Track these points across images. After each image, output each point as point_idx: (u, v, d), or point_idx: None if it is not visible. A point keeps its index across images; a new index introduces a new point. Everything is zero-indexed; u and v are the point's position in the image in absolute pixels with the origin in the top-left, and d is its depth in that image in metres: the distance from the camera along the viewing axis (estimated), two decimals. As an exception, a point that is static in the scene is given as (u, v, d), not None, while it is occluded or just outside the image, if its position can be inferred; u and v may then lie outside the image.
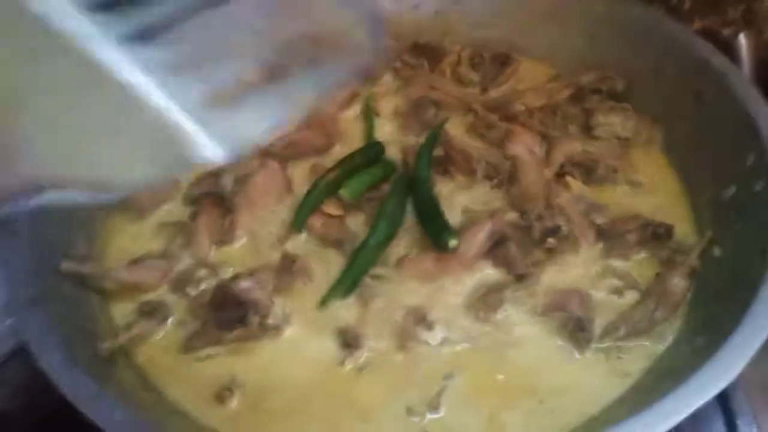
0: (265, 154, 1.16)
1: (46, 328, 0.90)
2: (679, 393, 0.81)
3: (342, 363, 0.97)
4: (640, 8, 1.25)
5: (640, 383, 0.94)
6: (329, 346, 0.99)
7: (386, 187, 1.15)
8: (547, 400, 0.93)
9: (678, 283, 0.99)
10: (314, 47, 0.67)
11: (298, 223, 1.09)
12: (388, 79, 1.36)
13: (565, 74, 1.31)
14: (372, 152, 1.20)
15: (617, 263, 1.05)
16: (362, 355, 0.97)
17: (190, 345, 0.99)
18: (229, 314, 0.97)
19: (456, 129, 1.24)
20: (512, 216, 1.06)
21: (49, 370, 0.84)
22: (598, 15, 1.28)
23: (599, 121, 1.21)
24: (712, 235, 1.05)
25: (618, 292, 1.02)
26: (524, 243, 1.04)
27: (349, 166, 1.15)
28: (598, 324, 0.99)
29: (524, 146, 1.15)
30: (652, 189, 1.16)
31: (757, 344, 0.83)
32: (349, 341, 0.97)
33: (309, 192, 1.11)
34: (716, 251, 1.03)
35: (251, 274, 1.00)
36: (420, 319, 0.98)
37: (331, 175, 1.12)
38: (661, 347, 0.97)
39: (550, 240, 1.03)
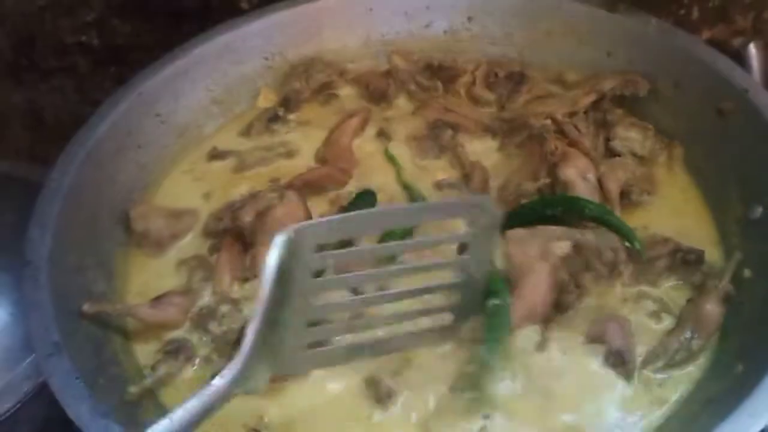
0: (286, 187, 1.15)
1: (71, 375, 0.88)
2: (728, 425, 0.79)
3: (370, 417, 0.95)
4: (656, 24, 1.23)
5: (679, 413, 0.92)
6: (359, 391, 0.97)
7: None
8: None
9: (712, 309, 0.98)
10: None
11: None
12: (401, 102, 1.34)
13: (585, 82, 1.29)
14: (367, 204, 1.14)
15: (649, 289, 1.03)
16: (395, 410, 0.95)
17: None
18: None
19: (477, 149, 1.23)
20: (563, 247, 1.01)
21: (79, 421, 0.83)
22: (615, 32, 1.27)
23: (618, 135, 1.20)
24: (741, 258, 1.03)
25: (654, 317, 1.01)
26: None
27: None
28: (639, 352, 0.97)
29: (578, 171, 1.12)
30: (677, 210, 1.14)
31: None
32: (381, 396, 0.95)
33: None
34: (747, 273, 1.02)
35: None
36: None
37: None
38: (698, 374, 0.96)
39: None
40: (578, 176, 1.11)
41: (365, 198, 1.15)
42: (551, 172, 1.13)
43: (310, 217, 1.12)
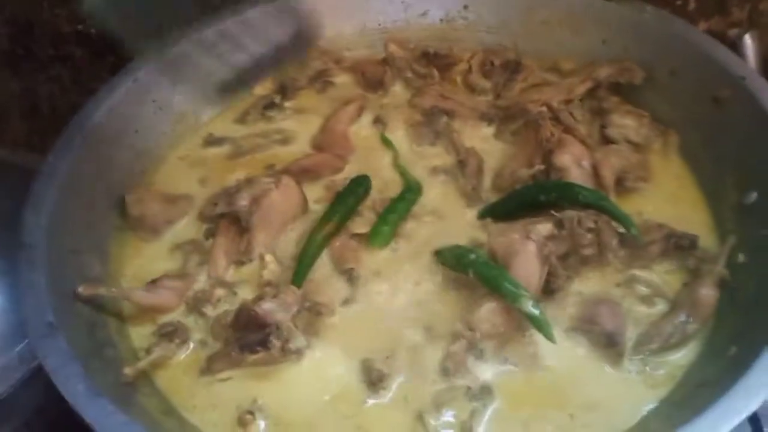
0: (281, 172, 1.15)
1: (66, 356, 0.88)
2: (720, 406, 0.79)
3: (364, 401, 0.95)
4: (653, 12, 1.23)
5: (672, 396, 0.92)
6: (353, 376, 0.97)
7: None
8: (578, 415, 0.92)
9: (707, 293, 0.98)
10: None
11: (299, 279, 1.04)
12: (397, 90, 1.34)
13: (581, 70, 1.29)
14: (362, 189, 1.15)
15: (642, 273, 1.03)
16: (388, 395, 0.95)
17: (210, 367, 0.97)
18: (251, 336, 0.94)
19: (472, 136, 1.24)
20: (545, 227, 1.02)
21: (73, 400, 0.83)
22: (611, 20, 1.26)
23: (613, 122, 1.20)
24: (736, 242, 1.03)
25: (646, 301, 1.01)
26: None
27: (345, 210, 1.11)
28: (629, 336, 0.97)
29: (573, 158, 1.12)
30: (672, 197, 1.14)
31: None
32: (374, 380, 0.95)
33: (305, 249, 1.07)
34: (741, 258, 1.02)
35: (275, 295, 0.98)
36: (471, 347, 0.96)
37: (327, 228, 1.09)
38: (691, 357, 0.96)
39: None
40: (573, 163, 1.11)
41: (360, 183, 1.15)
42: (546, 159, 1.13)
43: (305, 202, 1.12)
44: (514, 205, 1.09)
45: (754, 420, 1.00)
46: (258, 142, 1.26)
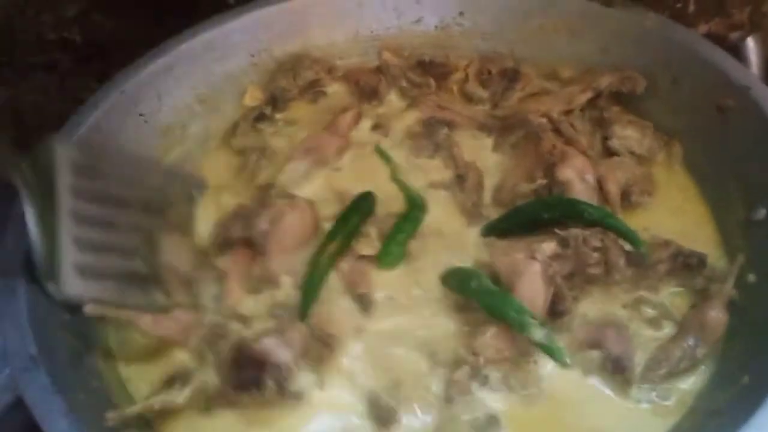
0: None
1: (48, 390, 0.85)
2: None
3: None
4: (654, 19, 1.19)
5: (683, 424, 0.90)
6: (361, 415, 0.93)
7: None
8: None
9: (716, 315, 0.95)
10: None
11: (305, 309, 1.00)
12: (393, 99, 1.30)
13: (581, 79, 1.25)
14: (366, 206, 1.11)
15: (648, 294, 1.00)
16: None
17: (208, 405, 0.93)
18: (245, 374, 0.90)
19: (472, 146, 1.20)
20: (549, 246, 0.98)
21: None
22: (610, 26, 1.22)
23: (616, 133, 1.17)
24: (744, 261, 1.00)
25: (653, 324, 0.98)
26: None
27: (349, 229, 1.07)
28: (637, 361, 0.94)
29: (576, 172, 1.08)
30: (677, 211, 1.11)
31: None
32: (383, 417, 0.91)
33: (310, 274, 1.03)
34: (751, 278, 0.98)
35: (280, 331, 0.93)
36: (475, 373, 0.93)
37: (331, 248, 1.05)
38: (701, 384, 0.93)
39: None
40: (577, 177, 1.07)
41: (364, 200, 1.12)
42: (548, 173, 1.09)
43: (317, 223, 1.09)
44: (517, 222, 1.05)
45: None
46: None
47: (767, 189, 1.02)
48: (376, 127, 1.25)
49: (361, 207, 1.10)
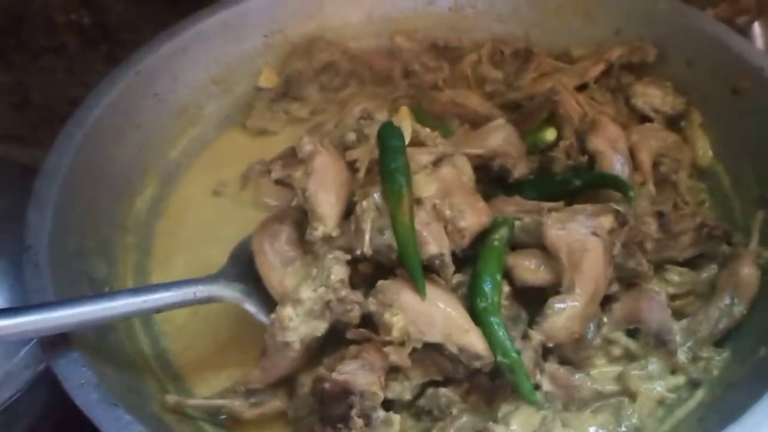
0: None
1: (79, 364, 0.85)
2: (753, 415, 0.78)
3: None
4: (667, 2, 1.21)
5: (704, 399, 0.91)
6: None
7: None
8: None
9: (749, 271, 0.96)
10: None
11: (421, 288, 0.89)
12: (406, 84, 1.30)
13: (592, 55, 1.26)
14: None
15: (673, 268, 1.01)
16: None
17: None
18: (332, 409, 0.84)
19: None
20: (607, 221, 0.95)
21: (89, 410, 0.81)
22: (624, 8, 1.24)
23: (637, 92, 1.18)
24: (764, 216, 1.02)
25: (680, 296, 0.99)
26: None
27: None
28: (677, 329, 0.95)
29: (608, 141, 1.07)
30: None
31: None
32: None
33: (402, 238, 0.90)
34: (765, 255, 1.00)
35: (356, 354, 0.87)
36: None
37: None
38: (725, 356, 0.94)
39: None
40: (608, 146, 1.07)
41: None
42: (580, 141, 1.09)
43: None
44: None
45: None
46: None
47: (782, 169, 1.03)
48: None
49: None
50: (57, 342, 0.86)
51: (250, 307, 0.94)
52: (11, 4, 1.51)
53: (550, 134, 1.12)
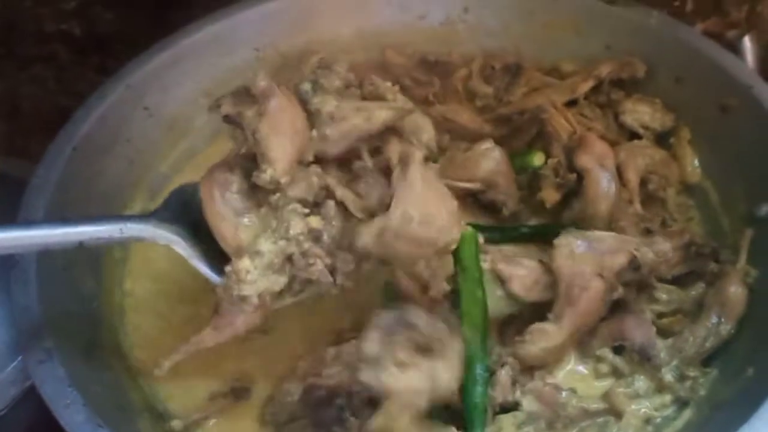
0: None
1: (64, 383, 0.85)
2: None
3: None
4: (658, 17, 1.21)
5: (691, 418, 0.91)
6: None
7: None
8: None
9: (736, 290, 0.96)
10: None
11: None
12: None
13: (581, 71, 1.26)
14: None
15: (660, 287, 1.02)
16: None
17: None
18: (322, 415, 0.87)
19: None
20: (618, 263, 0.96)
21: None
22: (614, 24, 1.24)
23: (627, 109, 1.19)
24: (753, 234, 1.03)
25: (668, 314, 1.00)
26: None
27: None
28: (662, 347, 0.95)
29: (595, 158, 1.07)
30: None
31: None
32: None
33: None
34: (753, 273, 1.00)
35: (337, 356, 0.90)
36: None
37: None
38: (713, 375, 0.94)
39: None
40: (595, 164, 1.07)
41: None
42: (568, 157, 1.10)
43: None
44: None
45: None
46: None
47: (770, 185, 1.03)
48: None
49: None
50: (42, 360, 0.85)
51: (182, 251, 0.89)
52: (1, 13, 1.51)
53: (537, 159, 1.12)
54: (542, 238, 1.04)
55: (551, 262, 0.95)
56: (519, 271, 0.97)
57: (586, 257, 0.95)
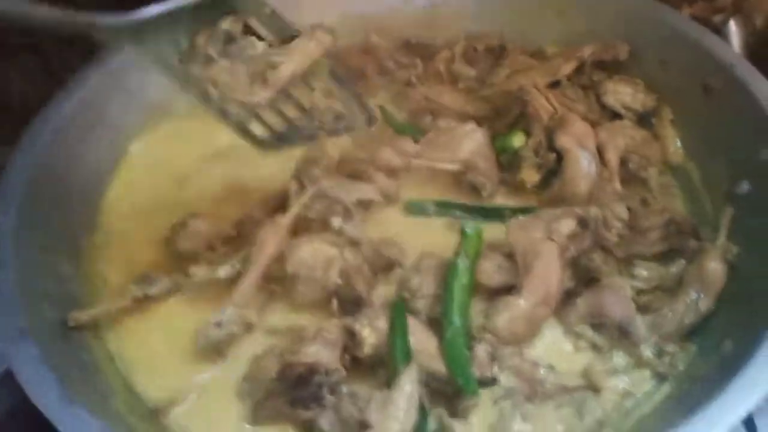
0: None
1: (38, 362, 0.84)
2: (714, 406, 0.78)
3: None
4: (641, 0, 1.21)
5: (672, 393, 0.91)
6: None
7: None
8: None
9: (715, 266, 0.96)
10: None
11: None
12: (380, 81, 1.30)
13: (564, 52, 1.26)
14: None
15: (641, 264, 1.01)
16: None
17: (257, 417, 0.91)
18: (301, 391, 0.86)
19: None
20: (567, 225, 0.97)
21: (46, 410, 0.79)
22: (598, 7, 1.24)
23: (608, 89, 1.18)
24: (733, 212, 1.02)
25: (648, 292, 0.99)
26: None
27: None
28: (640, 323, 0.94)
29: (575, 139, 1.07)
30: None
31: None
32: None
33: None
34: (733, 249, 0.99)
35: (316, 334, 0.90)
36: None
37: None
38: (692, 350, 0.94)
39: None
40: (575, 144, 1.07)
41: None
42: (548, 137, 1.09)
43: None
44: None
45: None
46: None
47: (751, 164, 1.03)
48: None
49: None
50: (16, 341, 0.85)
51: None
52: (-16, 2, 1.50)
53: (517, 140, 1.12)
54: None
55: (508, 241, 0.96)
56: (484, 263, 0.98)
57: (535, 225, 0.97)
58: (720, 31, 1.28)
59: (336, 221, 1.02)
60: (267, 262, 0.97)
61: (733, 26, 1.31)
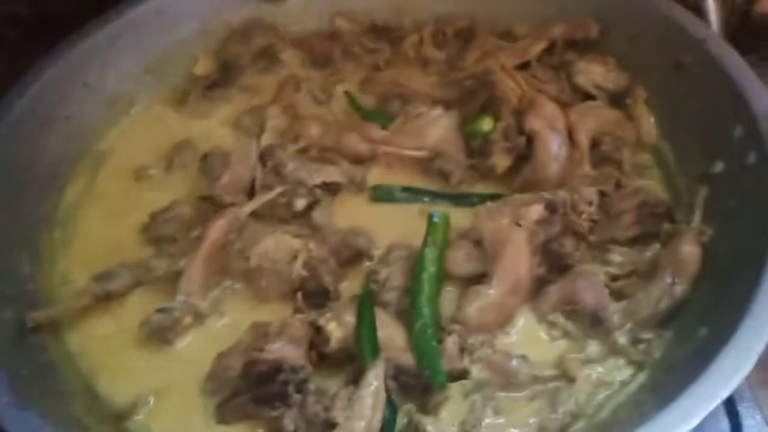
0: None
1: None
2: (691, 395, 0.75)
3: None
4: (612, -25, 1.18)
5: (645, 381, 0.89)
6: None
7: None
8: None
9: (691, 249, 0.93)
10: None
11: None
12: (347, 66, 1.27)
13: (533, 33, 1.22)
14: None
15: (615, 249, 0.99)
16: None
17: (223, 416, 0.88)
18: (266, 391, 0.84)
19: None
20: (535, 210, 0.95)
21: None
22: (568, -18, 1.21)
23: (580, 69, 1.15)
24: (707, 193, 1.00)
25: (623, 277, 0.96)
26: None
27: None
28: (612, 310, 0.92)
29: (545, 121, 1.04)
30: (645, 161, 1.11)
31: (761, 344, 0.77)
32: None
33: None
34: (708, 233, 0.96)
35: (281, 330, 0.88)
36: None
37: None
38: (667, 337, 0.92)
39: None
40: (545, 126, 1.04)
41: None
42: (517, 120, 1.07)
43: None
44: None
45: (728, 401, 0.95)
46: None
47: (725, 143, 1.00)
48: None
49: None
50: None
51: None
52: (-53, -3, 1.46)
53: (486, 124, 1.09)
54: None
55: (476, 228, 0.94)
56: (453, 252, 0.96)
57: (503, 212, 0.95)
58: (699, 9, 1.26)
59: (299, 203, 0.99)
60: (209, 248, 0.96)
61: (711, 3, 1.29)
